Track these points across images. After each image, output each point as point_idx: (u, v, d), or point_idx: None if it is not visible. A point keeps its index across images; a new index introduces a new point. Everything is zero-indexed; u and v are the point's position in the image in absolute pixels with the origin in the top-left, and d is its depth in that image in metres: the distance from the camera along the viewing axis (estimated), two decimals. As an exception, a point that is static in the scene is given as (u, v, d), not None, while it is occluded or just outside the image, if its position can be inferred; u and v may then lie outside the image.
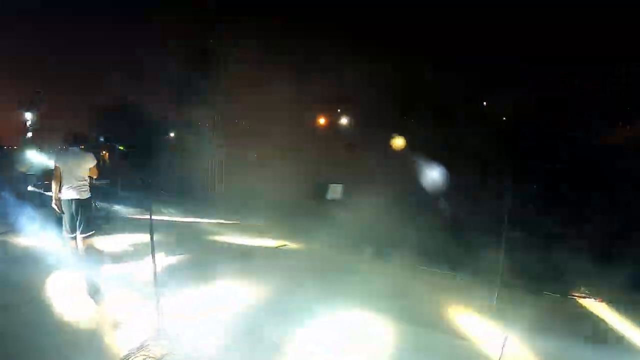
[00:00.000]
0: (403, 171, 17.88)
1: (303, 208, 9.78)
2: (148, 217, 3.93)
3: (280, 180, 14.77)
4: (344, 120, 30.13)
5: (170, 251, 6.59)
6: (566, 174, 12.30)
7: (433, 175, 12.50)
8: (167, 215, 10.74)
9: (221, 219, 10.63)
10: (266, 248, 8.06)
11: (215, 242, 8.30)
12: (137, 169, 11.82)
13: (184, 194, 13.65)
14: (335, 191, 8.08)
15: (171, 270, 5.67)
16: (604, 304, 5.79)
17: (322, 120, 22.18)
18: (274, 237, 8.70)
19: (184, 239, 8.05)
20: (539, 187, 18.12)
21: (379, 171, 16.48)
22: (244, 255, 7.28)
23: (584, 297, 6.02)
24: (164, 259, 5.81)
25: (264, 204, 11.17)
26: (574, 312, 5.66)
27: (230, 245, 8.12)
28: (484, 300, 5.55)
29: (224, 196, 13.67)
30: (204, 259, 6.70)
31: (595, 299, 5.93)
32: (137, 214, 10.11)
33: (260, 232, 9.12)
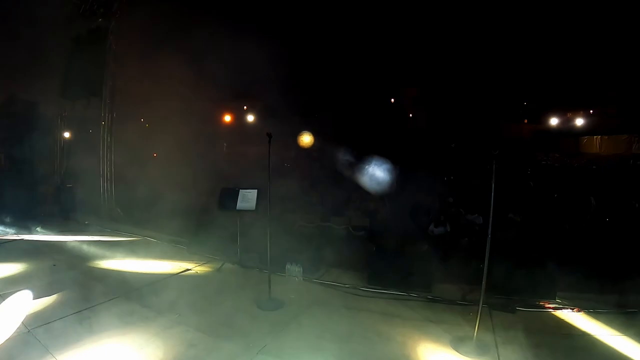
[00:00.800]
0: (320, 171, 17.00)
1: (211, 219, 7.77)
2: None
3: (184, 186, 13.05)
4: (250, 118, 28.30)
5: (35, 288, 5.10)
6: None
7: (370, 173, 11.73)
8: (45, 234, 8.69)
9: (111, 235, 8.81)
10: (164, 275, 6.14)
11: (97, 270, 6.35)
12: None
13: (71, 204, 11.34)
14: (247, 199, 6.09)
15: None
16: (582, 313, 5.13)
17: (228, 118, 20.43)
18: (174, 258, 6.94)
19: (60, 268, 6.24)
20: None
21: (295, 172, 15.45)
22: (132, 290, 5.43)
23: (560, 308, 5.09)
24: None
25: (165, 214, 9.40)
26: (560, 328, 4.83)
27: (117, 274, 6.15)
28: (457, 331, 4.59)
29: (118, 205, 11.48)
30: (78, 298, 5.02)
31: (571, 308, 5.20)
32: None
33: (159, 252, 7.41)
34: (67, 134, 13.02)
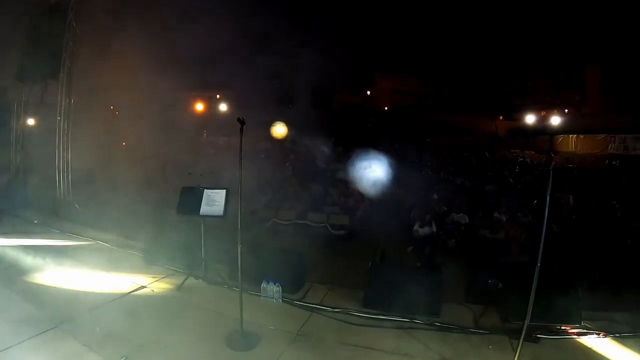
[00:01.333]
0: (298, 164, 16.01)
1: (173, 220, 6.57)
2: None
3: (147, 180, 11.91)
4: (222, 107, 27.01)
5: None
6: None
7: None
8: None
9: (61, 238, 7.38)
10: (113, 295, 4.82)
11: (33, 287, 4.98)
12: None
13: (22, 200, 9.87)
14: (213, 201, 4.95)
15: None
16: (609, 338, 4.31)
17: (200, 106, 19.38)
18: (128, 270, 5.64)
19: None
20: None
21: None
22: (71, 318, 4.15)
23: (585, 334, 4.32)
24: None
25: (123, 212, 8.58)
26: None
27: (58, 293, 4.83)
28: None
29: (75, 201, 9.93)
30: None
31: (597, 333, 4.37)
32: None
33: (111, 261, 6.03)
34: (23, 122, 11.43)
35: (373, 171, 16.68)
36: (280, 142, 22.90)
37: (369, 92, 51.06)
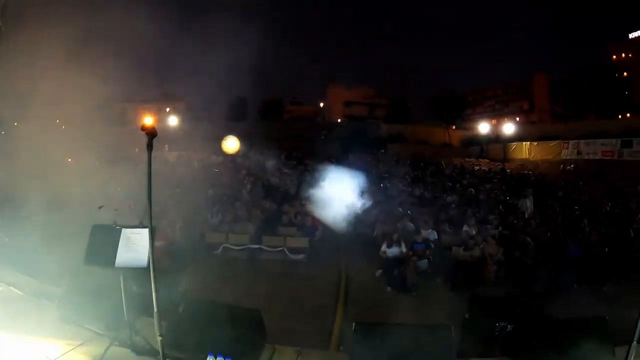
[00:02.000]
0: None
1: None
2: None
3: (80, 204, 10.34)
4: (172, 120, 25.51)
5: None
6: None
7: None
8: None
9: None
10: None
11: None
12: None
13: None
14: (133, 246, 3.56)
15: None
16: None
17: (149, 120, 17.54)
18: (35, 332, 4.07)
19: None
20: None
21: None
22: None
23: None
24: None
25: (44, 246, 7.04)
26: None
27: None
28: None
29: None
30: None
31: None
32: None
33: (16, 317, 4.42)
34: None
35: (330, 186, 15.77)
36: (231, 156, 21.60)
37: (322, 104, 50.72)
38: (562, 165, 21.65)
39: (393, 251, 7.45)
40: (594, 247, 8.16)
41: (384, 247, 7.56)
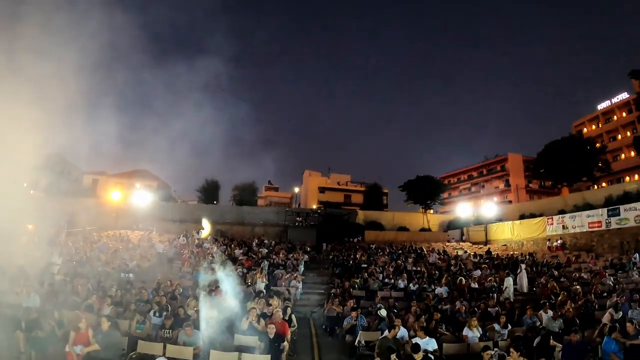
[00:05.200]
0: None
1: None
2: None
3: None
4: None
5: None
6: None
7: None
8: None
9: None
10: None
11: None
12: None
13: None
14: None
15: None
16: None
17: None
18: None
19: None
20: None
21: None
22: None
23: None
24: None
25: None
26: None
27: None
28: None
29: None
30: None
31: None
32: None
33: None
34: None
35: (302, 281, 13.74)
36: (198, 240, 19.66)
37: (297, 190, 49.94)
38: (548, 241, 20.61)
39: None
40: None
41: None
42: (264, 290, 11.10)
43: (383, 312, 8.39)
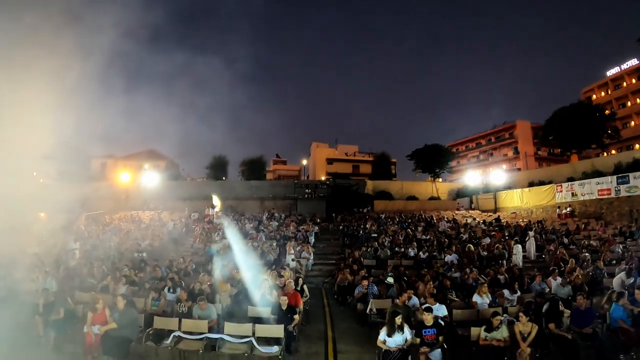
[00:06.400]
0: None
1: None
2: None
3: None
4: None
5: None
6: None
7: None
8: None
9: None
10: None
11: None
12: None
13: None
14: None
15: None
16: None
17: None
18: None
19: None
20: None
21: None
22: None
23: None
24: None
25: None
26: None
27: None
28: None
29: None
30: None
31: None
32: None
33: None
34: None
35: (314, 252, 13.91)
36: (208, 216, 19.95)
37: (305, 162, 49.91)
38: (557, 208, 20.49)
39: (396, 340, 5.59)
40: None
41: (382, 335, 5.70)
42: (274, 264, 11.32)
43: (390, 280, 8.59)
